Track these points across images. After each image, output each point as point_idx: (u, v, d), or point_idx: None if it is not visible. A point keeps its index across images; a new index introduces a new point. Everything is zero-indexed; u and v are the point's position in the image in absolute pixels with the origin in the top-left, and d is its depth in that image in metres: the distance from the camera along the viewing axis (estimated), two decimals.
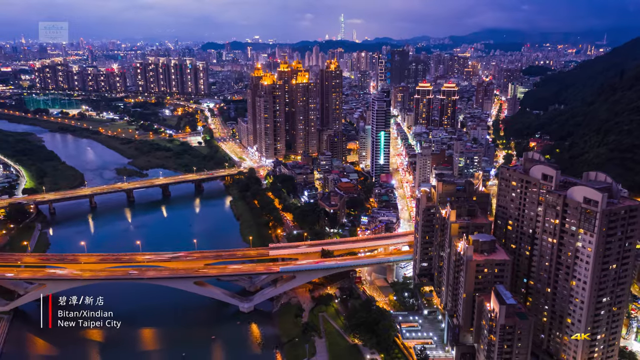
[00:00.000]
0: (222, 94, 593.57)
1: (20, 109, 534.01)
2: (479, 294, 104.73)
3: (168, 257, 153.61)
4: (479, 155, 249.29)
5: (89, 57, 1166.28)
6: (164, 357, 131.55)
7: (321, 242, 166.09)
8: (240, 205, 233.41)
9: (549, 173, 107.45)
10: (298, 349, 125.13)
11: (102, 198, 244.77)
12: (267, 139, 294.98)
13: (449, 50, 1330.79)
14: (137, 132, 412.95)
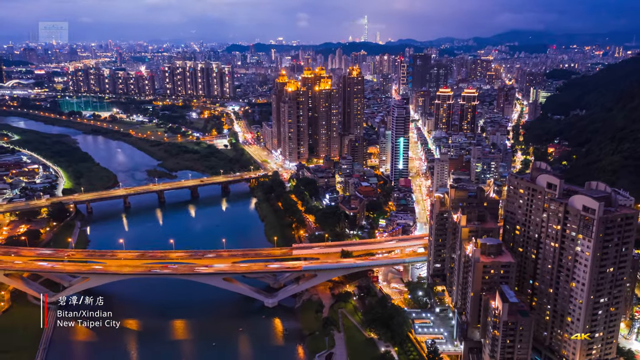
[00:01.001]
0: (247, 97, 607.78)
1: (55, 111, 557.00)
2: (485, 293, 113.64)
3: (199, 255, 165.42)
4: (496, 161, 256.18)
5: (117, 59, 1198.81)
6: (195, 347, 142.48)
7: (341, 243, 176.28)
8: (264, 207, 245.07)
9: (554, 182, 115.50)
10: (318, 341, 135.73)
11: (135, 198, 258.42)
12: (291, 143, 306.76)
13: (472, 52, 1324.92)
14: (165, 134, 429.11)
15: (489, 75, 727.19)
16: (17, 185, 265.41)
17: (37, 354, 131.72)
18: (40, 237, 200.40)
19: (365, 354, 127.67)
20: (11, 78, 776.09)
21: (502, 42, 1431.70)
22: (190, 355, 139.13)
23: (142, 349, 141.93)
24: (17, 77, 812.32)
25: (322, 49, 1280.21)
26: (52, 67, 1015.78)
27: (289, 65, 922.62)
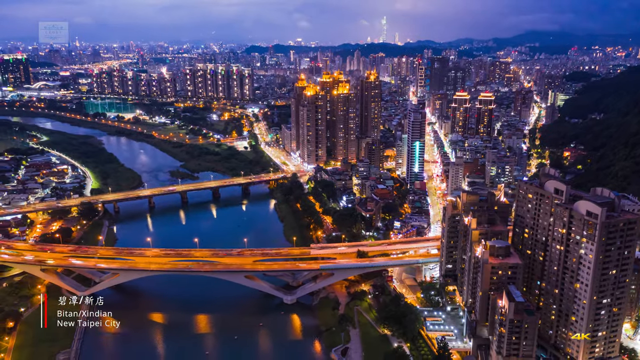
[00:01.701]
0: (266, 99, 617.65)
1: (80, 112, 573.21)
2: (493, 292, 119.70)
3: (222, 253, 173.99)
4: (510, 165, 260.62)
5: (139, 61, 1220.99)
6: (218, 340, 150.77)
7: (357, 244, 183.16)
8: (283, 208, 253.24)
9: (560, 188, 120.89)
10: (334, 336, 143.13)
11: (160, 198, 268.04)
12: (309, 145, 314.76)
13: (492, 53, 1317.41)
14: (187, 136, 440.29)
15: (508, 77, 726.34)
16: (48, 185, 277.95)
17: (73, 344, 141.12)
18: (72, 234, 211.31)
19: (379, 349, 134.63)
20: (37, 79, 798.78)
21: (523, 43, 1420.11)
22: (214, 348, 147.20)
23: (168, 341, 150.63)
24: (42, 78, 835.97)
25: (340, 50, 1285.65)
26: (76, 69, 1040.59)
27: (307, 67, 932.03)
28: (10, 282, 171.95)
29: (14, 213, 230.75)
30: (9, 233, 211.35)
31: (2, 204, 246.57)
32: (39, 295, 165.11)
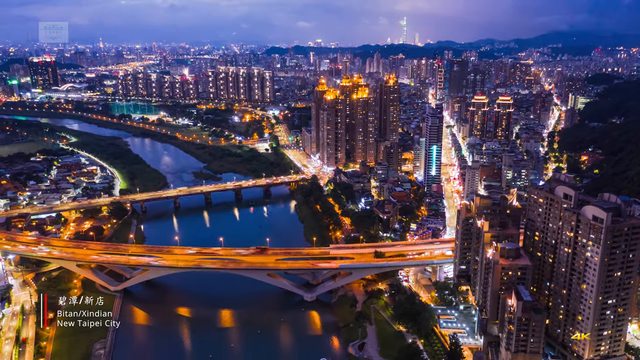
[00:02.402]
0: (287, 101, 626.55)
1: (106, 114, 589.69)
2: (503, 292, 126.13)
3: (245, 252, 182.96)
4: (526, 169, 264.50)
5: (162, 62, 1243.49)
6: (242, 334, 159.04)
7: (375, 245, 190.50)
8: (304, 209, 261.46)
9: (569, 193, 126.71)
10: (352, 332, 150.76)
11: (184, 199, 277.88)
12: (329, 148, 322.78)
13: (513, 54, 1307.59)
14: (210, 138, 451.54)
15: (528, 79, 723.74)
16: (79, 185, 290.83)
17: (108, 334, 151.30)
18: (103, 233, 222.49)
19: (394, 344, 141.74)
20: (64, 81, 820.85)
21: (545, 44, 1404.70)
22: (238, 341, 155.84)
23: (194, 334, 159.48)
24: (69, 80, 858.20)
25: (360, 52, 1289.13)
26: (102, 71, 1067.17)
27: (327, 69, 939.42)
28: (48, 277, 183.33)
29: (49, 211, 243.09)
30: (45, 230, 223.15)
31: (37, 202, 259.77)
32: (75, 289, 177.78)
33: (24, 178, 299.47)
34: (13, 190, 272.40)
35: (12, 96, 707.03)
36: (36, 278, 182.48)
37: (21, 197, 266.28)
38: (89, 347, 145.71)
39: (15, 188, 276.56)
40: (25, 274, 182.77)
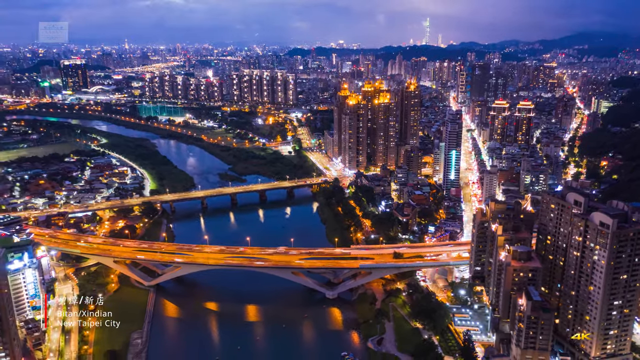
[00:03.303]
0: (309, 104, 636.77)
1: (134, 115, 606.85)
2: (514, 292, 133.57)
3: (271, 251, 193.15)
4: (544, 173, 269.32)
5: (186, 64, 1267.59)
6: (267, 328, 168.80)
7: (394, 246, 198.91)
8: (326, 211, 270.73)
9: (580, 200, 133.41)
10: (371, 328, 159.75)
11: (211, 200, 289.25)
12: (351, 152, 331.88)
13: (538, 55, 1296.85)
14: (234, 140, 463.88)
15: (551, 83, 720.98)
16: (111, 185, 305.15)
17: (144, 325, 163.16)
18: (136, 231, 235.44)
19: (410, 340, 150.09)
20: (93, 83, 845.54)
21: (571, 45, 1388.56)
22: (263, 334, 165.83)
23: (222, 327, 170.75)
24: (97, 81, 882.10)
25: (382, 54, 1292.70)
26: (128, 72, 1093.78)
27: (349, 71, 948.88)
28: (87, 271, 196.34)
29: (85, 210, 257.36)
30: (82, 228, 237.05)
31: (73, 202, 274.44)
32: (112, 284, 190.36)
33: (60, 178, 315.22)
34: (51, 190, 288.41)
35: (44, 98, 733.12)
36: (76, 272, 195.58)
37: (58, 197, 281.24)
38: (127, 337, 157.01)
39: (52, 188, 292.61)
40: (66, 269, 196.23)
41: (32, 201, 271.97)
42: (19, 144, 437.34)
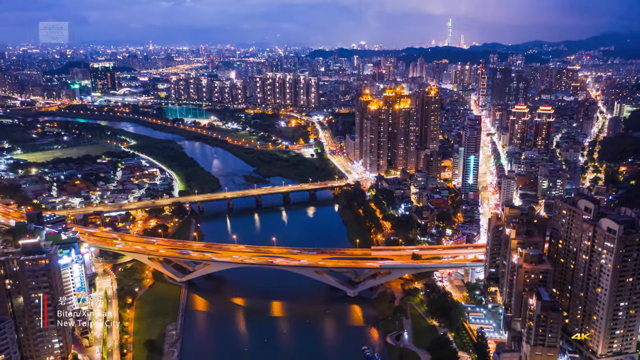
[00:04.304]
0: (331, 107, 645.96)
1: (160, 117, 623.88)
2: (526, 293, 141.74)
3: (295, 251, 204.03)
4: (562, 179, 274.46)
5: (209, 65, 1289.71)
6: (292, 323, 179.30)
7: (412, 247, 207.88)
8: (347, 213, 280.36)
9: (590, 206, 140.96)
10: (390, 325, 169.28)
11: (237, 201, 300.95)
12: (372, 155, 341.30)
13: (562, 57, 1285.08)
14: (258, 142, 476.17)
15: (574, 86, 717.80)
16: (142, 186, 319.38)
17: (178, 318, 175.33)
18: (168, 230, 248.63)
19: (427, 336, 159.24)
20: (120, 85, 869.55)
21: (596, 46, 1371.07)
22: (288, 329, 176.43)
23: (249, 321, 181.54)
24: (124, 83, 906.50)
25: (404, 55, 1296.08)
26: (153, 74, 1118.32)
27: (370, 73, 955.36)
28: (124, 268, 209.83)
29: (119, 210, 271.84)
30: (117, 227, 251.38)
31: (107, 201, 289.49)
32: (147, 279, 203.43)
33: (94, 178, 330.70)
34: (86, 190, 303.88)
35: (74, 99, 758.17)
36: (114, 268, 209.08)
37: (93, 196, 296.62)
38: (163, 328, 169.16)
39: (87, 188, 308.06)
40: (105, 265, 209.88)
41: (69, 200, 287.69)
42: (53, 145, 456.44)
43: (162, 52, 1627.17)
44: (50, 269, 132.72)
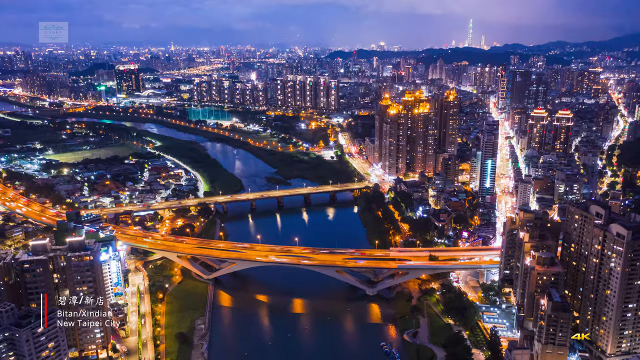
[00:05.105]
0: (350, 109, 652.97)
1: (184, 119, 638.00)
2: (537, 294, 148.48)
3: (318, 251, 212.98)
4: (579, 183, 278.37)
5: (230, 66, 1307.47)
6: (313, 319, 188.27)
7: (430, 249, 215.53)
8: (366, 215, 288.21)
9: (601, 212, 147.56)
10: (407, 323, 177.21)
11: (259, 202, 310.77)
12: (391, 158, 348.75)
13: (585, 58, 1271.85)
14: (279, 144, 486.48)
15: (595, 88, 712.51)
16: (168, 186, 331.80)
17: (206, 313, 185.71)
18: (194, 229, 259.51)
19: (442, 334, 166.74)
20: (144, 86, 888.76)
21: (620, 47, 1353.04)
22: (310, 325, 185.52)
23: (273, 316, 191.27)
24: (147, 84, 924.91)
25: (423, 56, 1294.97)
26: (176, 75, 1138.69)
27: (390, 75, 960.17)
28: (154, 265, 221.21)
29: (147, 209, 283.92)
30: (146, 226, 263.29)
31: (136, 201, 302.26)
32: (176, 276, 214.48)
33: (122, 179, 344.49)
34: (115, 190, 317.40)
35: (100, 101, 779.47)
36: (144, 265, 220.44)
37: (122, 196, 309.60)
38: (192, 322, 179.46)
39: (117, 188, 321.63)
40: (136, 261, 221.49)
41: (100, 200, 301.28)
42: (82, 146, 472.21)
43: (184, 53, 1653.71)
44: (94, 264, 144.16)
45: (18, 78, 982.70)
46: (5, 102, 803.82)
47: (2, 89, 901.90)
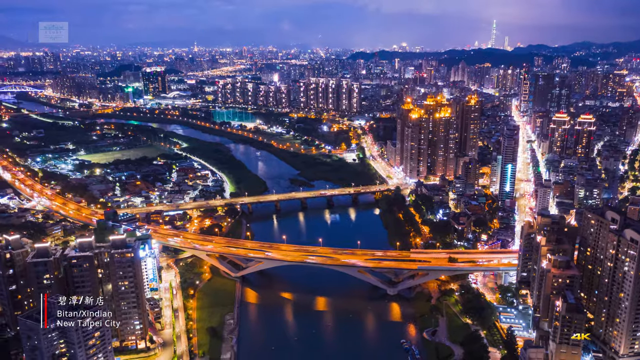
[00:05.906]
0: (372, 111, 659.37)
1: (208, 120, 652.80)
2: (553, 295, 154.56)
3: (339, 251, 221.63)
4: (599, 188, 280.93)
5: (253, 67, 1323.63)
6: (336, 316, 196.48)
7: (449, 251, 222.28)
8: (388, 217, 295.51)
9: (616, 217, 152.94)
10: (426, 322, 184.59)
11: (284, 203, 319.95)
12: (412, 162, 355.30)
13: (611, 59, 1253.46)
14: (302, 146, 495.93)
15: (620, 91, 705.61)
16: (196, 187, 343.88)
17: (234, 309, 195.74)
18: (222, 229, 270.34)
19: (460, 333, 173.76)
20: (169, 88, 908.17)
21: None
22: (333, 321, 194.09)
23: (297, 313, 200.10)
24: (172, 85, 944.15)
25: (445, 58, 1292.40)
26: (199, 76, 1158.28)
27: (411, 77, 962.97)
28: (185, 262, 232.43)
29: (176, 209, 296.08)
30: (176, 225, 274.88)
31: (165, 201, 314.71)
32: (205, 274, 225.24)
33: (152, 179, 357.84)
34: (146, 190, 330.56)
35: (127, 102, 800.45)
36: (176, 263, 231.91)
37: (152, 196, 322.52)
38: (221, 318, 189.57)
39: (147, 188, 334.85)
40: (168, 259, 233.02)
41: (132, 200, 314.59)
42: (112, 147, 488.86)
43: (207, 54, 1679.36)
44: (134, 261, 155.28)
45: (48, 79, 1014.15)
46: (37, 103, 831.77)
47: (34, 89, 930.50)
